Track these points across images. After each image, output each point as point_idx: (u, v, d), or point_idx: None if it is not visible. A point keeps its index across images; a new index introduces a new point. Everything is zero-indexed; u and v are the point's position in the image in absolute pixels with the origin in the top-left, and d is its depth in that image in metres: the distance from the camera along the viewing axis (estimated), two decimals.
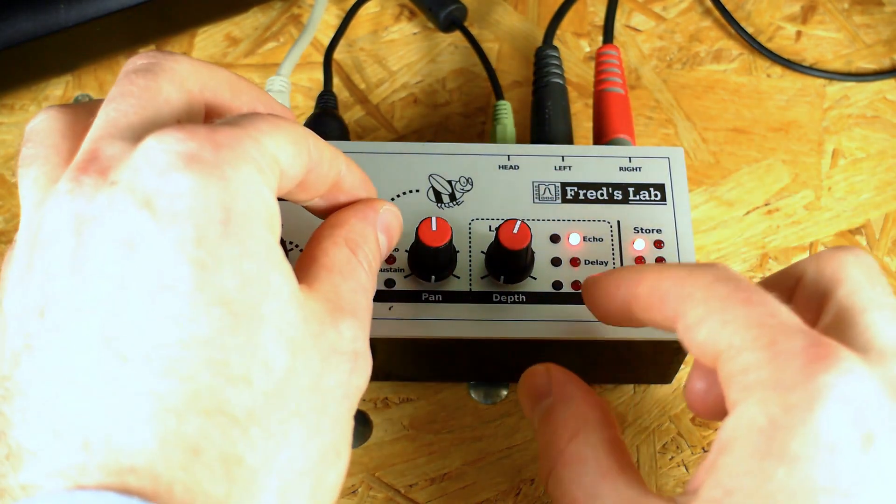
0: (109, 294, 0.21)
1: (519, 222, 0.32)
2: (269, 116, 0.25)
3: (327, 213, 0.29)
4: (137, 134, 0.23)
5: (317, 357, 0.23)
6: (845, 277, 0.26)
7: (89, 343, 0.21)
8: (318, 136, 0.27)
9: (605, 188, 0.36)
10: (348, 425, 0.25)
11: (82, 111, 0.25)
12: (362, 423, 0.37)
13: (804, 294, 0.27)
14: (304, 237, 0.34)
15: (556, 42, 0.45)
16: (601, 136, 0.39)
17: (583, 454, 0.26)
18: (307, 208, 0.29)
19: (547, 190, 0.36)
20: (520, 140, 0.42)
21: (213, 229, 0.21)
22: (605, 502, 0.25)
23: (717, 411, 0.26)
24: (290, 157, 0.24)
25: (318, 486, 0.23)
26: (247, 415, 0.21)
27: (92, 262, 0.21)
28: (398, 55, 0.47)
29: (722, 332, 0.24)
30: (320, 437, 0.23)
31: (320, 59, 0.46)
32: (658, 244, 0.35)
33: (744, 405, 0.23)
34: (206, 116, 0.26)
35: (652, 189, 0.36)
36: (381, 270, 0.34)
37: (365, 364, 0.26)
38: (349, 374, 0.25)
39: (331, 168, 0.27)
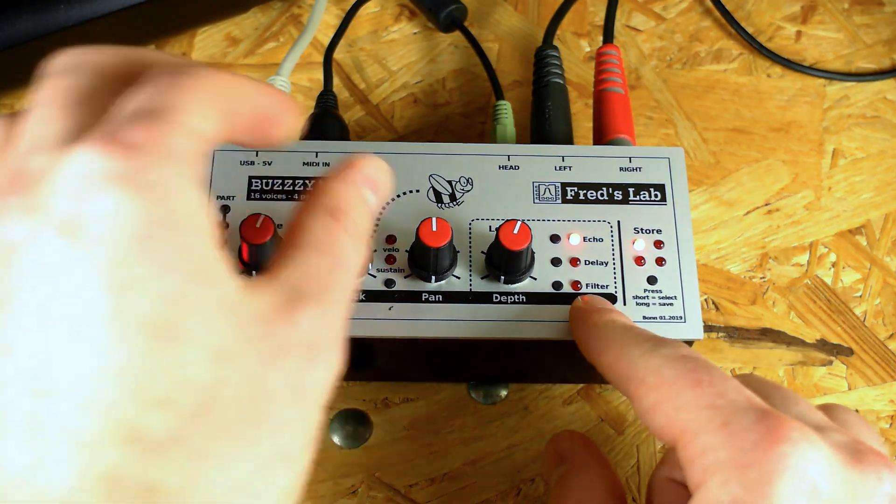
0: (31, 327, 0.20)
1: (519, 222, 0.32)
2: (185, 80, 0.23)
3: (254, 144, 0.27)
4: (63, 142, 0.22)
5: (255, 362, 0.22)
6: (756, 383, 0.28)
7: (11, 379, 0.20)
8: (236, 77, 0.25)
9: (605, 188, 0.36)
10: (304, 425, 0.24)
11: (8, 121, 0.24)
12: (362, 423, 0.37)
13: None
14: None
15: (556, 42, 0.45)
16: (601, 136, 0.39)
17: None
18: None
19: (547, 190, 0.36)
20: (520, 140, 0.42)
21: (133, 248, 0.21)
22: None
23: None
24: (213, 122, 0.23)
25: (261, 496, 0.23)
26: (168, 437, 0.21)
27: (14, 294, 0.21)
28: (398, 55, 0.47)
29: (676, 418, 0.25)
30: (258, 447, 0.22)
31: (320, 59, 0.46)
32: (658, 244, 0.35)
33: (705, 487, 0.24)
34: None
35: (652, 189, 0.36)
36: (381, 270, 0.34)
37: (327, 355, 0.24)
38: (302, 371, 0.23)
39: (255, 97, 0.25)
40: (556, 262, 0.34)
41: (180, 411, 0.21)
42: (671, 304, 0.34)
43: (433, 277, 0.34)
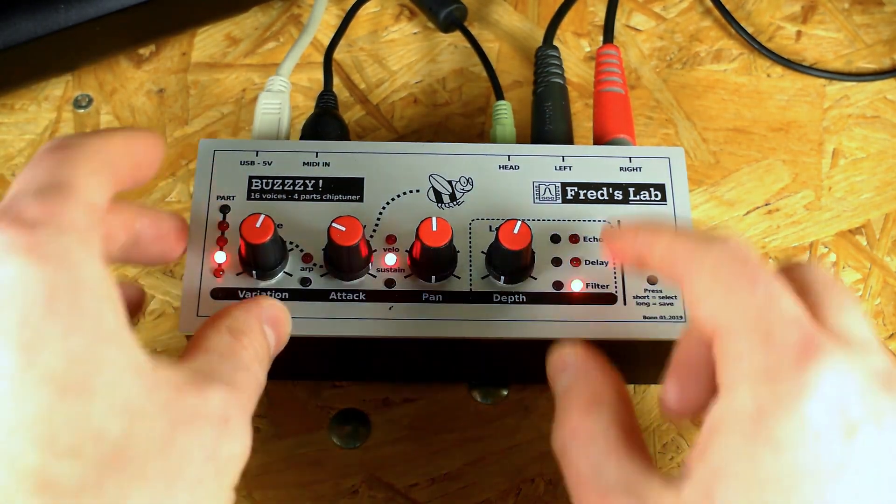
0: None
1: (519, 222, 0.32)
2: (73, 153, 0.25)
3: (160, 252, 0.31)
4: None
5: (165, 423, 0.23)
6: (813, 282, 0.28)
7: None
8: (111, 131, 0.28)
9: (605, 188, 0.36)
10: (217, 487, 0.25)
11: None
12: (362, 423, 0.37)
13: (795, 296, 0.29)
14: (305, 238, 0.34)
15: (556, 42, 0.45)
16: (601, 136, 0.39)
17: (593, 430, 0.27)
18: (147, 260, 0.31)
19: (547, 190, 0.36)
20: (520, 140, 0.42)
21: (36, 310, 0.22)
22: (607, 477, 0.26)
23: (693, 410, 0.27)
24: (102, 188, 0.25)
25: None
26: (77, 485, 0.21)
27: None
28: (398, 55, 0.47)
29: (723, 312, 0.25)
30: (173, 500, 0.23)
31: (320, 59, 0.46)
32: None
33: (735, 391, 0.24)
34: None
35: (652, 189, 0.36)
36: (381, 270, 0.34)
37: (239, 431, 0.25)
38: (215, 438, 0.24)
39: (133, 152, 0.28)
40: (556, 261, 0.34)
41: (90, 460, 0.22)
42: (671, 304, 0.34)
43: (433, 277, 0.34)
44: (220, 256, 0.34)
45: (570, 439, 0.27)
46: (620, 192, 0.36)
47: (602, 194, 0.36)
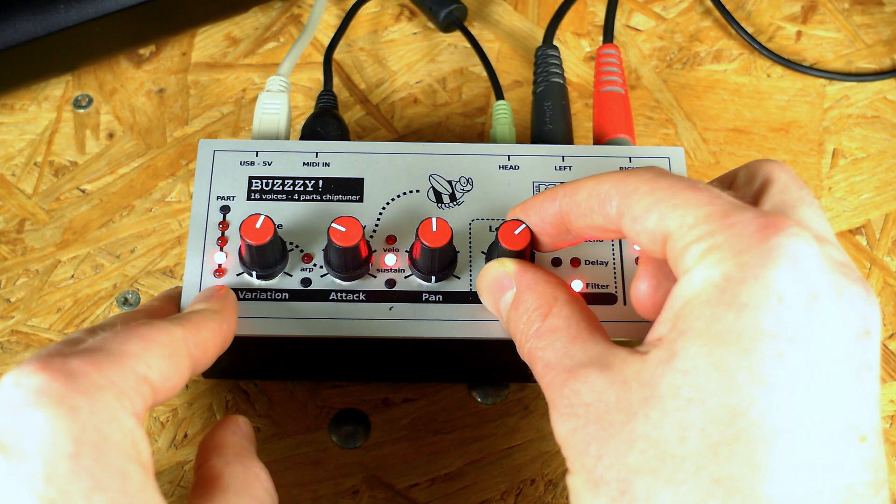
0: None
1: (523, 225, 0.32)
2: (142, 332, 0.25)
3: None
4: None
5: None
6: (776, 179, 0.28)
7: None
8: (200, 323, 0.28)
9: None
10: None
11: None
12: (362, 423, 0.37)
13: (739, 194, 0.29)
14: (305, 238, 0.34)
15: (556, 42, 0.45)
16: (601, 136, 0.39)
17: (555, 326, 0.28)
18: None
19: None
20: (520, 140, 0.42)
21: (62, 464, 0.22)
22: (575, 359, 0.27)
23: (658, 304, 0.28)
24: (163, 372, 0.25)
25: None
26: None
27: None
28: (398, 55, 0.47)
29: (672, 215, 0.25)
30: None
31: (320, 59, 0.46)
32: None
33: (699, 267, 0.24)
34: None
35: None
36: (381, 270, 0.34)
37: None
38: None
39: (215, 346, 0.29)
40: (556, 262, 0.34)
41: None
42: None
43: (433, 277, 0.34)
44: (219, 256, 0.34)
45: (536, 340, 0.28)
46: None
47: None
